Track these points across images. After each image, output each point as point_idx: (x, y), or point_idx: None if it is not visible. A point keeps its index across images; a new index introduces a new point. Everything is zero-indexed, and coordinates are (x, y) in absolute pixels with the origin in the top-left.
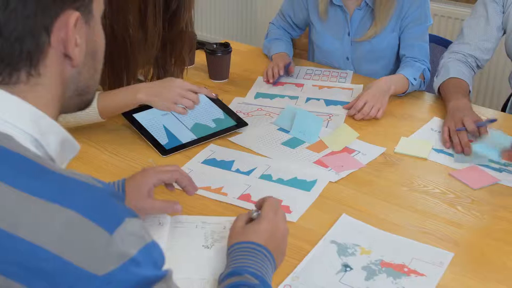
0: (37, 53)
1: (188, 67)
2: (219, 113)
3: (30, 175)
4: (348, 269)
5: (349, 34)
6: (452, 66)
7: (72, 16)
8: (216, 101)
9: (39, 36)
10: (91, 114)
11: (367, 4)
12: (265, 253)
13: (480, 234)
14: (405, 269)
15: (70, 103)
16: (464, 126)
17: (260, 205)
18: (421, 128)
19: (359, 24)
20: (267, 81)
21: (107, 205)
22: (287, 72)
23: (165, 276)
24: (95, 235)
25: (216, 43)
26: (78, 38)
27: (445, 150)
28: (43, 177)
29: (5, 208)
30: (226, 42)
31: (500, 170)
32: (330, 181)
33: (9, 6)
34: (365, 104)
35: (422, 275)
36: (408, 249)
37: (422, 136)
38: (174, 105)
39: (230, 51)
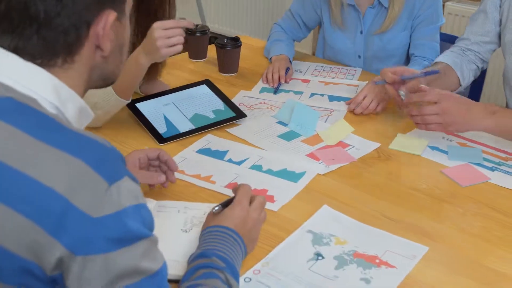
0: (77, 44)
1: (200, 60)
2: (220, 105)
3: (48, 129)
4: (320, 257)
5: (361, 32)
6: (442, 55)
7: (111, 15)
8: (218, 93)
9: (81, 30)
10: (112, 100)
11: (380, 2)
12: (236, 238)
13: (459, 230)
14: (377, 261)
15: (94, 85)
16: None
17: (235, 191)
18: None
19: (372, 22)
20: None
21: (111, 162)
22: (286, 79)
23: (150, 237)
24: (96, 183)
25: (227, 38)
26: (112, 34)
27: (440, 147)
28: (59, 131)
29: (23, 152)
30: (236, 37)
31: (492, 169)
32: (318, 174)
33: (62, 1)
34: (364, 98)
35: (393, 267)
36: (384, 242)
37: (420, 134)
38: (170, 48)
39: (240, 45)
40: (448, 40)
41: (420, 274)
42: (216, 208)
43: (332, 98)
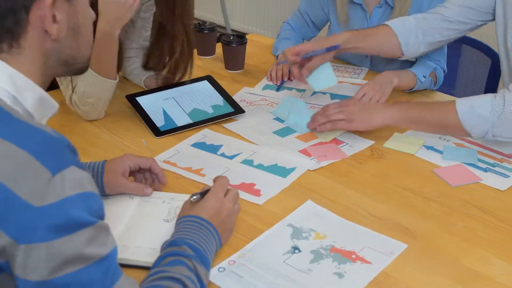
0: (17, 28)
1: (209, 57)
2: (219, 100)
3: None
4: (296, 251)
5: None
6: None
7: None
8: (219, 89)
9: (19, 14)
10: (97, 83)
11: (387, 1)
12: (209, 228)
13: (442, 229)
14: (353, 256)
15: (56, 71)
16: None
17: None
18: None
19: (378, 21)
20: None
21: (56, 152)
22: (290, 77)
23: (95, 224)
24: (39, 173)
25: (233, 35)
26: (57, 15)
27: (435, 147)
28: (8, 122)
29: None
30: (242, 34)
31: (486, 170)
32: (308, 169)
33: None
34: (364, 95)
35: (368, 262)
36: (363, 238)
37: (416, 133)
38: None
39: (245, 43)
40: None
41: (395, 271)
42: (194, 197)
43: (334, 96)
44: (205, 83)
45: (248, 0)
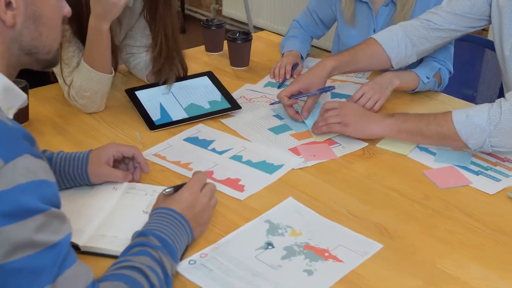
0: None
1: (216, 53)
2: (217, 96)
3: None
4: (270, 247)
5: (374, 31)
6: (382, 31)
7: None
8: (218, 85)
9: None
10: (93, 77)
11: (392, 0)
12: (181, 221)
13: (422, 231)
14: (326, 254)
15: (21, 61)
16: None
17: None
18: None
19: (384, 21)
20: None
21: (10, 141)
22: (292, 75)
23: (47, 211)
24: None
25: (239, 32)
26: (13, 2)
27: (429, 148)
28: None
29: None
30: (248, 31)
31: (477, 173)
32: (294, 168)
33: None
34: (362, 95)
35: (340, 261)
36: (339, 236)
37: None
38: None
39: (250, 40)
40: (465, 39)
41: (367, 271)
42: (167, 190)
43: (334, 95)
44: (205, 79)
45: None
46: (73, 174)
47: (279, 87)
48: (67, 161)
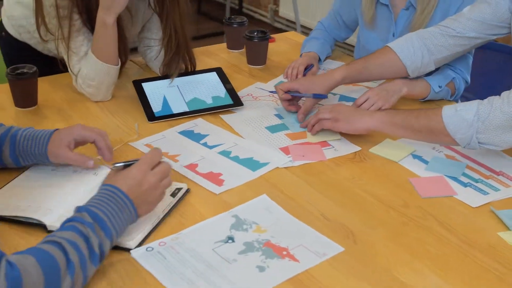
0: None
1: (236, 51)
2: (221, 92)
3: None
4: (230, 241)
5: (394, 35)
6: (398, 39)
7: None
8: (225, 81)
9: None
10: (99, 68)
11: (412, 4)
12: (122, 198)
13: (389, 238)
14: (284, 252)
15: None
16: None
17: None
18: None
19: (404, 25)
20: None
21: None
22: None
23: None
24: None
25: (257, 30)
26: None
27: (423, 157)
28: None
29: None
30: (265, 30)
31: (466, 185)
32: (279, 167)
33: None
34: (366, 100)
35: (296, 260)
36: (302, 236)
37: (408, 142)
38: None
39: (267, 38)
40: (487, 47)
41: (321, 272)
42: (116, 165)
43: (342, 98)
44: (213, 74)
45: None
46: (34, 153)
47: None
48: (29, 139)
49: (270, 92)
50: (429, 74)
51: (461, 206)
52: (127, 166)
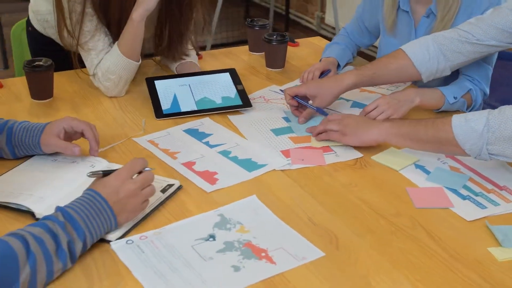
0: None
1: (257, 53)
2: (232, 93)
3: None
4: (211, 239)
5: None
6: (412, 42)
7: None
8: (237, 82)
9: None
10: (121, 63)
11: (432, 11)
12: (102, 204)
13: (374, 246)
14: (263, 254)
15: None
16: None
17: None
18: None
19: (425, 32)
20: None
21: None
22: None
23: None
24: None
25: (276, 33)
26: None
27: (426, 167)
28: None
29: None
30: (284, 33)
31: (464, 198)
32: (276, 169)
33: None
34: (376, 107)
35: (273, 263)
36: (284, 239)
37: (412, 152)
38: None
39: (286, 42)
40: (506, 58)
41: (296, 276)
42: (94, 172)
43: (355, 105)
44: (226, 75)
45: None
46: (28, 143)
47: None
48: (25, 131)
49: (280, 90)
50: (445, 82)
51: (455, 219)
52: (106, 174)
